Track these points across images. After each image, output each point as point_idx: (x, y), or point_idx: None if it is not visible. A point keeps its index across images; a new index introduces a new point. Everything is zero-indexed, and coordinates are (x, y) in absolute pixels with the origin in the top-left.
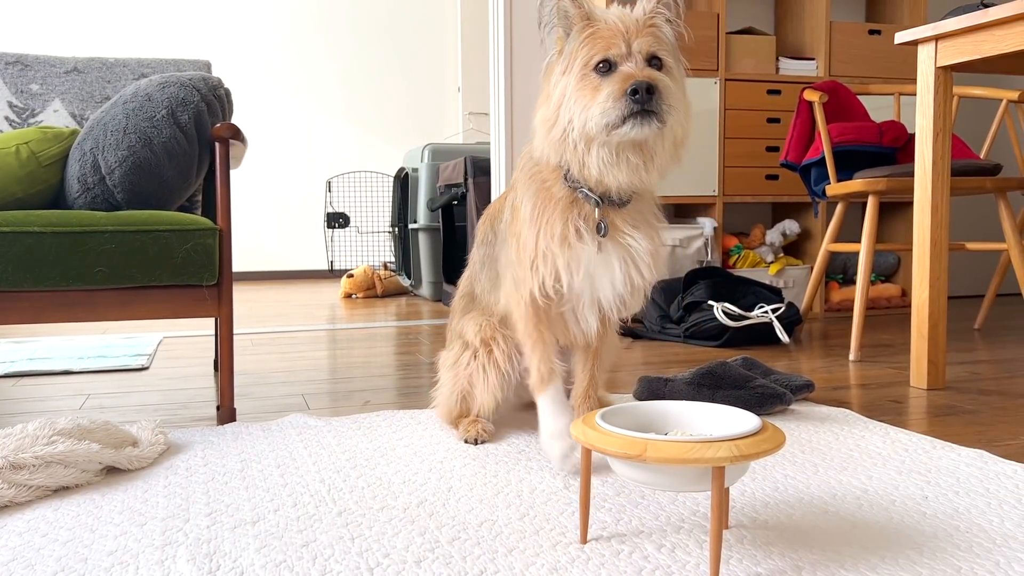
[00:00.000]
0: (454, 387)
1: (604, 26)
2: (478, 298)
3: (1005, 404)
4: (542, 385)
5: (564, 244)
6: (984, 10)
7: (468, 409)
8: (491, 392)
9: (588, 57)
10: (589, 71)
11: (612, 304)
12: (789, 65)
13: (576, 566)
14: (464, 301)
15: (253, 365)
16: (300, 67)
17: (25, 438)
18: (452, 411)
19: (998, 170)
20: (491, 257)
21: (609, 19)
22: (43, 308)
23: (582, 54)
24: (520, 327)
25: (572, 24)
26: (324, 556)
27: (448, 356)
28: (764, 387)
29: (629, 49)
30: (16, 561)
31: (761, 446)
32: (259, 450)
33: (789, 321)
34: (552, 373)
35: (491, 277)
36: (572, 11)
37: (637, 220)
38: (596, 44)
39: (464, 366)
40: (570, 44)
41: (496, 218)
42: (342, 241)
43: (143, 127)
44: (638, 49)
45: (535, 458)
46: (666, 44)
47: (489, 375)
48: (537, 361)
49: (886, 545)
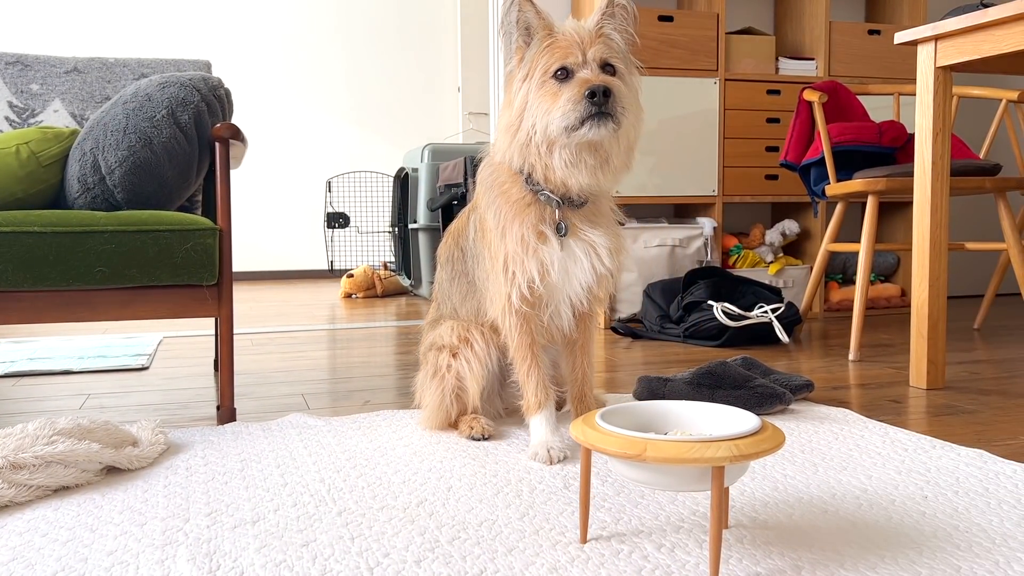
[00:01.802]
0: (443, 389)
1: (561, 37)
2: (446, 317)
3: (1005, 404)
4: (537, 408)
5: (530, 247)
6: (984, 10)
7: (464, 406)
8: (476, 381)
9: (548, 65)
10: (548, 78)
11: (582, 296)
12: (789, 65)
13: (576, 566)
14: (431, 326)
15: (253, 365)
16: (300, 67)
17: (25, 438)
18: (449, 412)
19: (997, 170)
20: (460, 272)
21: (566, 30)
22: (43, 308)
23: (542, 62)
24: (512, 344)
25: (533, 34)
26: (324, 556)
27: (426, 371)
28: (764, 387)
29: (584, 57)
30: (16, 561)
31: (761, 446)
32: (259, 450)
33: (789, 321)
34: (547, 399)
35: (461, 290)
36: (534, 22)
37: (596, 219)
38: (554, 53)
39: (446, 368)
40: (530, 53)
41: (461, 235)
42: (342, 241)
43: (143, 127)
44: (592, 57)
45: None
46: (617, 51)
47: (473, 365)
48: (533, 387)
49: (886, 545)
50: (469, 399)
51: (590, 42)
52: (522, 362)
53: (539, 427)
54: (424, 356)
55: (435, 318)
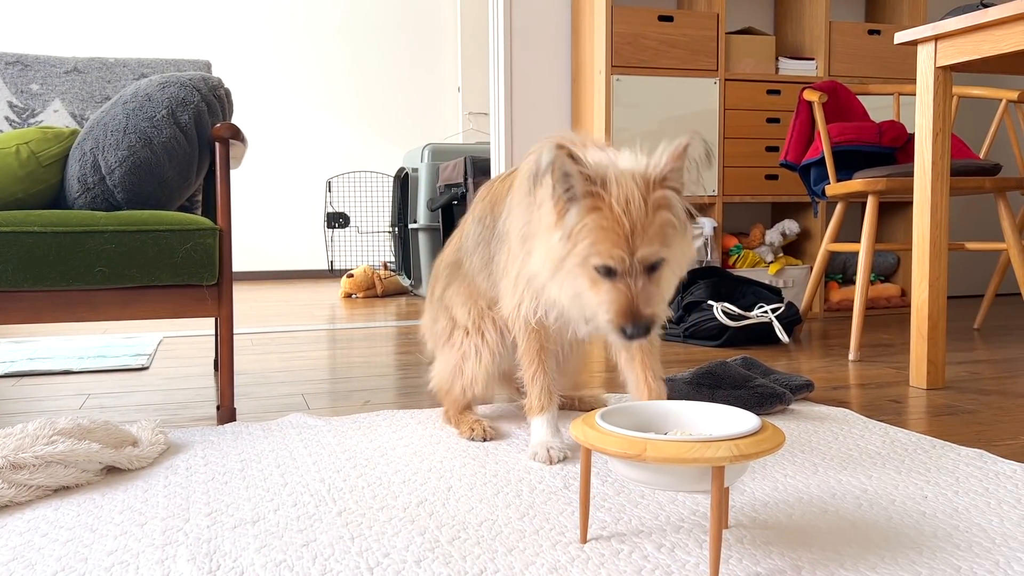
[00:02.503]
0: (454, 364)
1: (608, 214)
2: (465, 274)
3: (1005, 404)
4: (539, 411)
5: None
6: (984, 10)
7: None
8: (484, 368)
9: (588, 253)
10: (589, 266)
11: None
12: (789, 65)
13: (576, 566)
14: (449, 270)
15: (253, 365)
16: (300, 67)
17: (25, 438)
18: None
19: (997, 170)
20: (485, 240)
21: (615, 198)
22: (43, 308)
23: (582, 244)
24: (520, 346)
25: (573, 185)
26: (324, 556)
27: (438, 329)
28: (764, 387)
29: (631, 259)
30: (16, 561)
31: (761, 446)
32: (259, 450)
33: (789, 321)
34: (550, 403)
35: (483, 259)
36: (573, 171)
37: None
38: (598, 243)
39: (458, 346)
40: (571, 218)
41: (497, 204)
42: (342, 241)
43: (143, 127)
44: (641, 258)
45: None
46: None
47: (483, 355)
48: (538, 391)
49: (886, 545)
50: (477, 389)
51: (641, 233)
52: (529, 366)
53: (540, 428)
54: (431, 301)
55: (453, 262)
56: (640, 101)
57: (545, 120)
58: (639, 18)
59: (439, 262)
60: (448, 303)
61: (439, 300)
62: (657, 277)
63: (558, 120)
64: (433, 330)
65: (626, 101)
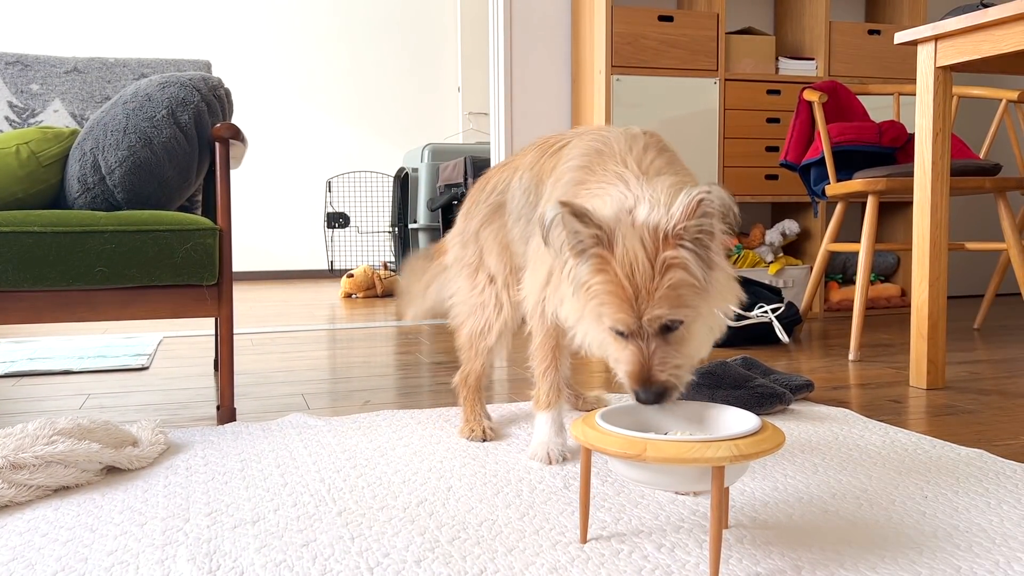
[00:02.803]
0: (474, 303)
1: (612, 277)
2: (504, 224)
3: (1005, 404)
4: (546, 406)
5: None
6: (984, 10)
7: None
8: (501, 321)
9: (599, 313)
10: (603, 323)
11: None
12: (789, 65)
13: (576, 566)
14: (490, 209)
15: (253, 365)
16: (300, 67)
17: (25, 438)
18: (470, 326)
19: (997, 170)
20: (526, 217)
21: (618, 261)
22: (43, 308)
23: (593, 305)
24: (534, 341)
25: (580, 241)
26: (324, 556)
27: (466, 256)
28: (764, 387)
29: (639, 320)
30: (16, 561)
31: (761, 446)
32: (259, 450)
33: (789, 321)
34: (558, 400)
35: (523, 232)
36: (578, 228)
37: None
38: (605, 304)
39: (480, 289)
40: (582, 275)
41: (540, 183)
42: (342, 241)
43: (143, 127)
44: (649, 321)
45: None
46: (688, 297)
47: (503, 308)
48: (547, 388)
49: (886, 545)
50: (490, 339)
51: (647, 297)
52: (541, 361)
53: (543, 425)
54: (462, 226)
55: (498, 203)
56: (640, 101)
57: (545, 120)
58: (639, 18)
59: (478, 192)
60: (482, 242)
61: (473, 234)
62: (676, 338)
63: (558, 120)
64: (461, 254)
65: (626, 101)
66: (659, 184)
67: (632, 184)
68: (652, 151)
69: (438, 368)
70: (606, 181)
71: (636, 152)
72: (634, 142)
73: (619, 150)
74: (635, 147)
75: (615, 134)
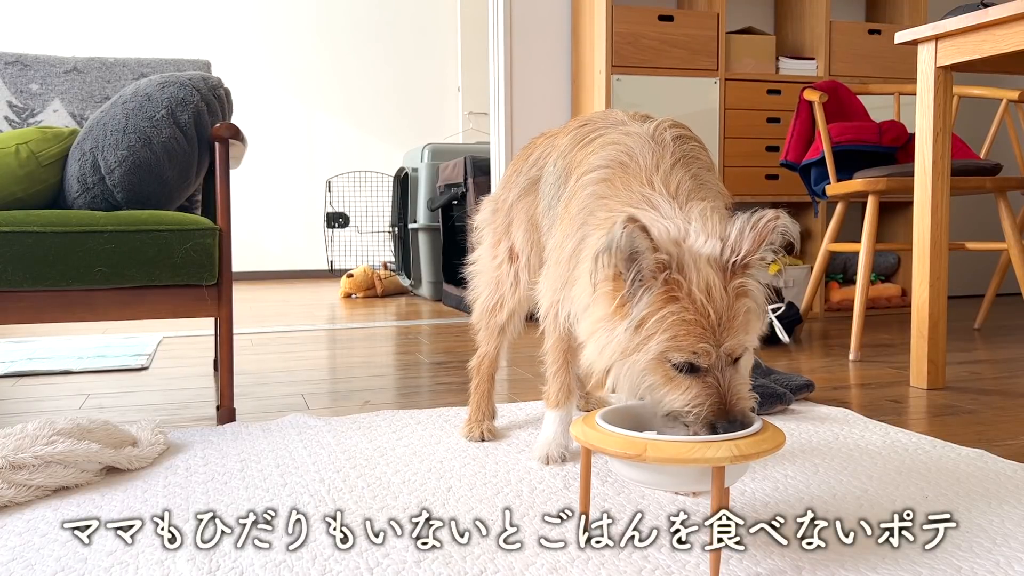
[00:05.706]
0: (491, 276)
1: (688, 304)
2: (535, 203)
3: (1005, 404)
4: (555, 405)
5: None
6: (984, 10)
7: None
8: (516, 298)
9: (666, 348)
10: (664, 361)
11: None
12: (789, 65)
13: (576, 566)
14: (528, 184)
15: (253, 365)
16: (300, 67)
17: (25, 438)
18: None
19: (998, 170)
20: (553, 208)
21: (695, 285)
22: (43, 308)
23: (659, 340)
24: (547, 342)
25: (642, 264)
26: (324, 556)
27: (497, 222)
28: (764, 387)
29: (718, 350)
30: (16, 561)
31: (761, 446)
32: (259, 450)
33: (789, 321)
34: (568, 399)
35: (550, 221)
36: (644, 248)
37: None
38: (680, 337)
39: (500, 261)
40: (642, 307)
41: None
42: (342, 241)
43: (143, 127)
44: (727, 351)
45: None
46: (752, 324)
47: (519, 286)
48: (556, 388)
49: (886, 545)
50: (500, 317)
51: (727, 325)
52: (552, 363)
53: (550, 424)
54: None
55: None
56: (640, 101)
57: (545, 120)
58: (639, 18)
59: (522, 161)
60: (513, 214)
61: (507, 204)
62: (741, 366)
63: (558, 120)
64: (492, 220)
65: (626, 101)
66: (694, 209)
67: (665, 210)
68: (680, 169)
69: (438, 368)
70: (632, 204)
71: (663, 170)
72: (661, 154)
73: (644, 166)
74: (662, 164)
75: (639, 143)
